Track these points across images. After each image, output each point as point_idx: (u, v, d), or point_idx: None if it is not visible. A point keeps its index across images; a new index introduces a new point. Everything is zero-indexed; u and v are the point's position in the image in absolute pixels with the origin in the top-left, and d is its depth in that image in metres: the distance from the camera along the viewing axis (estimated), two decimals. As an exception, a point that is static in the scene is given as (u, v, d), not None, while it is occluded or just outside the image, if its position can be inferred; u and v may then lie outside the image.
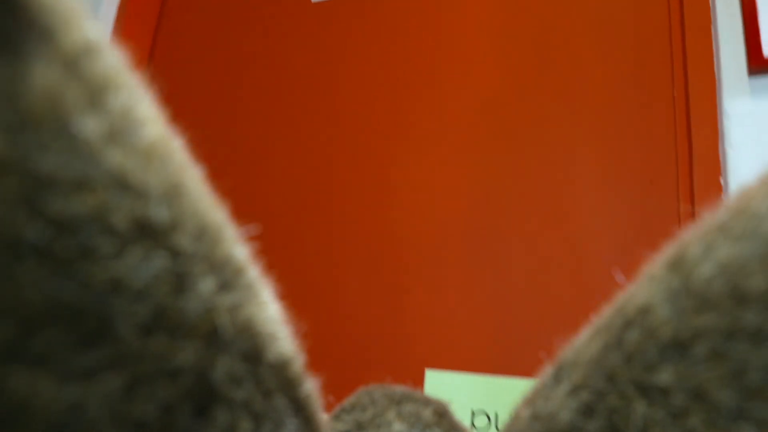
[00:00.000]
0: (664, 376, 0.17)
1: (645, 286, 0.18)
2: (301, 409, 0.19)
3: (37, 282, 0.12)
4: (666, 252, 0.18)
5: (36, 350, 0.13)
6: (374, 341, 0.99)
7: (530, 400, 0.21)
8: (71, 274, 0.13)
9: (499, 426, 0.83)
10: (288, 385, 0.18)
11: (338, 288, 1.05)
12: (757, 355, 0.15)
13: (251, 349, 0.17)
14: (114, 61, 0.15)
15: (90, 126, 0.13)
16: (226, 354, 0.16)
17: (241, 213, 0.18)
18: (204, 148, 0.17)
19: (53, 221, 0.12)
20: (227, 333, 0.16)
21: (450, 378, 0.85)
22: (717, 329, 0.16)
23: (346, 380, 0.87)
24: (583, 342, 0.20)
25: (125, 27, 1.31)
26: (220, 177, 0.17)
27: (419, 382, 0.89)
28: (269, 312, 0.18)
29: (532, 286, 0.93)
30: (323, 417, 0.22)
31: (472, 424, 0.84)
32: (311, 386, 0.20)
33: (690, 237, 0.18)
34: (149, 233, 0.14)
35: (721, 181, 0.88)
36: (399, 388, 0.27)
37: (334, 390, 0.25)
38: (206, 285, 0.15)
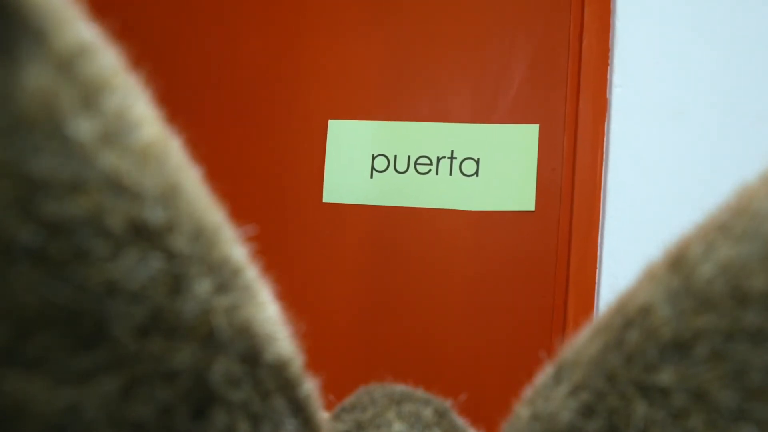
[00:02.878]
0: (665, 377, 0.16)
1: (645, 285, 0.18)
2: (300, 409, 0.19)
3: (32, 285, 0.12)
4: (667, 251, 0.18)
5: (32, 353, 0.13)
6: (278, 97, 1.00)
7: (530, 400, 0.21)
8: (66, 276, 0.13)
9: (398, 167, 0.91)
10: (287, 385, 0.18)
11: (238, 43, 1.03)
12: (757, 356, 0.15)
13: (249, 350, 0.16)
14: (109, 62, 0.15)
15: (84, 127, 0.13)
16: (224, 355, 0.16)
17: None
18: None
19: (47, 224, 0.12)
20: (224, 334, 0.16)
21: (351, 126, 0.93)
22: (717, 330, 0.16)
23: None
24: (583, 342, 0.20)
25: None
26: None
27: (323, 132, 0.95)
28: (268, 313, 0.18)
29: (425, 35, 0.95)
30: (323, 416, 0.22)
31: (373, 168, 0.91)
32: (311, 386, 0.20)
33: (691, 236, 0.18)
34: (145, 235, 0.14)
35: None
36: (399, 388, 0.27)
37: (335, 390, 0.25)
38: (203, 286, 0.15)
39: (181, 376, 0.15)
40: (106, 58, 0.15)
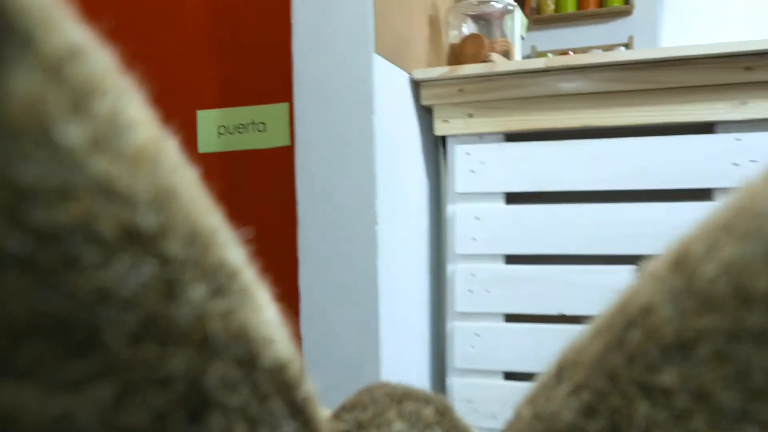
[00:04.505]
0: (667, 377, 0.16)
1: (647, 285, 0.18)
2: (299, 411, 0.19)
3: (21, 293, 0.12)
4: (669, 251, 0.18)
5: (23, 362, 0.12)
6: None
7: (532, 400, 0.21)
8: (56, 284, 0.12)
9: (230, 132, 1.36)
10: (285, 388, 0.18)
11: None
12: (760, 357, 0.15)
13: (245, 354, 0.16)
14: (100, 65, 0.14)
15: (73, 133, 0.13)
16: (219, 360, 0.16)
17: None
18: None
19: (36, 231, 0.12)
20: (219, 339, 0.15)
21: (213, 114, 1.37)
22: (720, 330, 0.15)
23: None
24: (584, 342, 0.19)
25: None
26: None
27: (193, 122, 1.36)
28: (265, 316, 0.18)
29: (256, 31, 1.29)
30: (323, 416, 0.21)
31: (218, 132, 1.35)
32: (310, 387, 0.20)
33: (693, 236, 0.17)
34: (137, 240, 0.14)
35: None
36: (400, 387, 0.27)
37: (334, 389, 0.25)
38: (197, 291, 0.15)
39: (175, 382, 0.15)
40: (97, 60, 0.14)
